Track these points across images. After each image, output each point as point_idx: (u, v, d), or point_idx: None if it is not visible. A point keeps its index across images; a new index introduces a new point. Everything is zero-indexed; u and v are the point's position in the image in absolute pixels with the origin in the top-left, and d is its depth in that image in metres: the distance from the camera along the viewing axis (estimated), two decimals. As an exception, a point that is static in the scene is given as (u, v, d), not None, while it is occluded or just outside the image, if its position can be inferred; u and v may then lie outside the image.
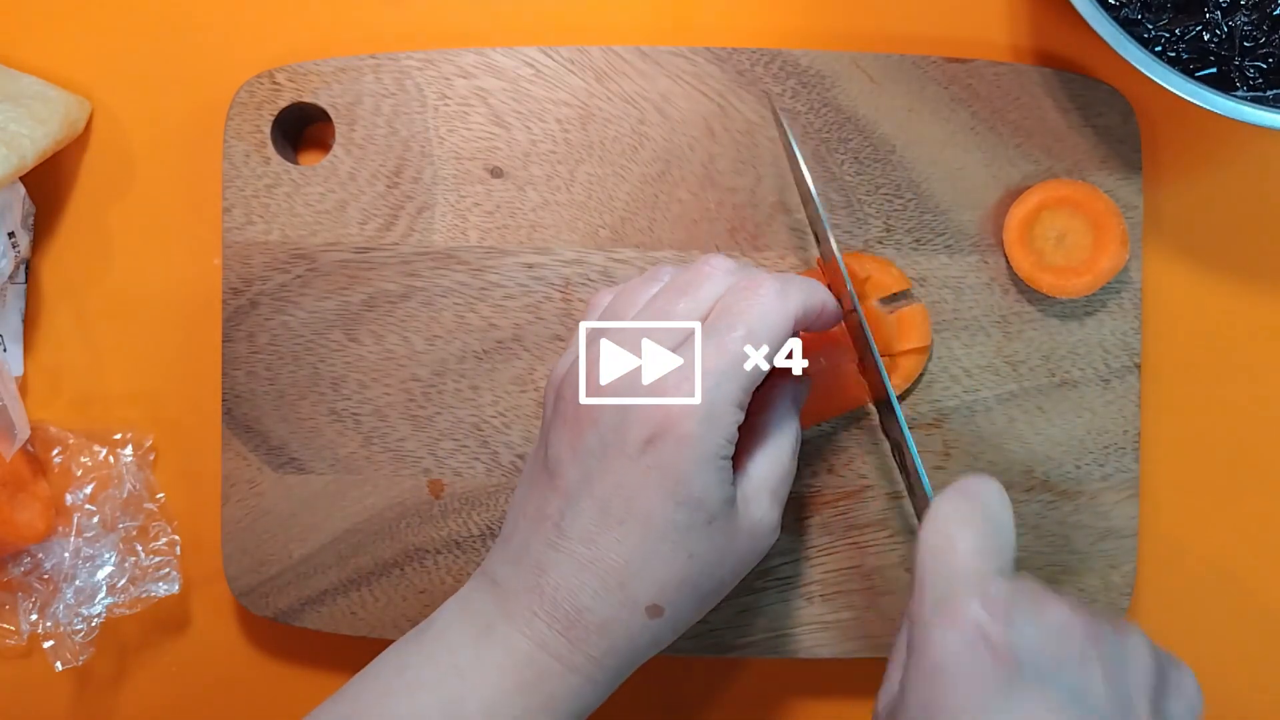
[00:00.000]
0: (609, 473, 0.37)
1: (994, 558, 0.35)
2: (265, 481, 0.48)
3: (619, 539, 0.37)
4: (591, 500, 0.37)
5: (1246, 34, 0.45)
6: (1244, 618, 0.51)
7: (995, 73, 0.48)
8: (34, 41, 0.51)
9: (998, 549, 0.35)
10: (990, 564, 0.35)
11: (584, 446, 0.38)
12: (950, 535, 0.35)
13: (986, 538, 0.35)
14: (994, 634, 0.33)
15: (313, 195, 0.48)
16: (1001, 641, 0.33)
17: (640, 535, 0.37)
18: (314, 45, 0.51)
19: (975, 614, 0.33)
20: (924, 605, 0.34)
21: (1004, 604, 0.33)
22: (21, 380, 0.51)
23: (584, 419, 0.38)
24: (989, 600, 0.33)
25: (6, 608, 0.49)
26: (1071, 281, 0.47)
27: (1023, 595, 0.34)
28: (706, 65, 0.48)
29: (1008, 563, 0.35)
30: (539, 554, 0.38)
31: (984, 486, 0.36)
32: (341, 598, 0.48)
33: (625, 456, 0.37)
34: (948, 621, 0.33)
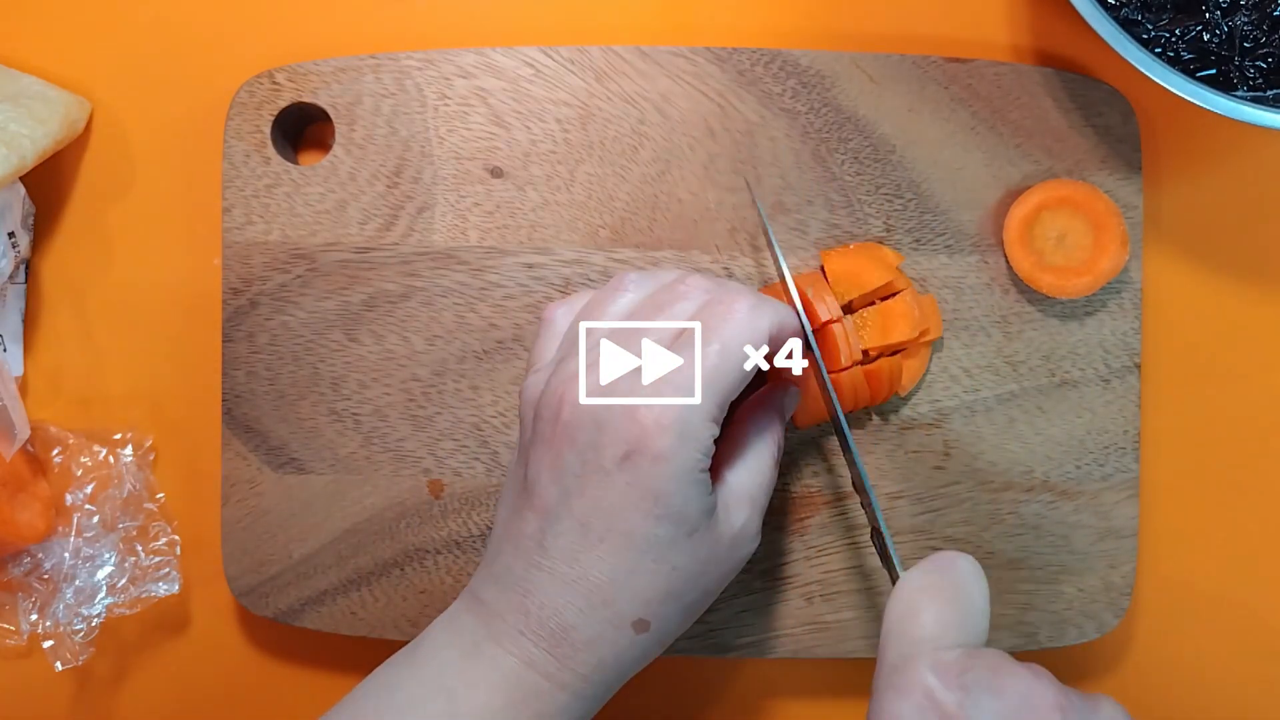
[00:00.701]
0: (587, 491, 0.37)
1: (956, 630, 0.34)
2: (265, 481, 0.48)
3: (601, 556, 0.37)
4: (572, 519, 0.37)
5: (1246, 34, 0.45)
6: (1244, 618, 0.51)
7: (995, 73, 0.48)
8: (34, 41, 0.51)
9: (963, 623, 0.34)
10: (951, 635, 0.34)
11: (562, 465, 0.37)
12: (915, 606, 0.35)
13: (952, 610, 0.35)
14: (946, 701, 0.32)
15: (313, 195, 0.48)
16: (954, 711, 0.32)
17: (622, 552, 0.37)
18: (314, 45, 0.51)
19: (927, 681, 0.32)
20: (880, 673, 0.34)
21: (957, 671, 0.33)
22: (21, 380, 0.51)
23: (560, 438, 0.37)
24: (942, 667, 0.33)
25: (6, 608, 0.49)
26: (1071, 282, 0.47)
27: (981, 664, 0.33)
28: (706, 65, 0.48)
29: (975, 637, 0.34)
30: (522, 574, 0.38)
31: (958, 561, 0.36)
32: (341, 598, 0.48)
33: (603, 474, 0.37)
34: (900, 689, 0.33)
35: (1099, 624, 0.48)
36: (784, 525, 0.48)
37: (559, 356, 0.40)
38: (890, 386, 0.46)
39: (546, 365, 0.41)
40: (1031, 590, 0.48)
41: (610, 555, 0.37)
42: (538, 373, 0.40)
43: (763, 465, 0.41)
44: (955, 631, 0.34)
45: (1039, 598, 0.48)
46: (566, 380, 0.38)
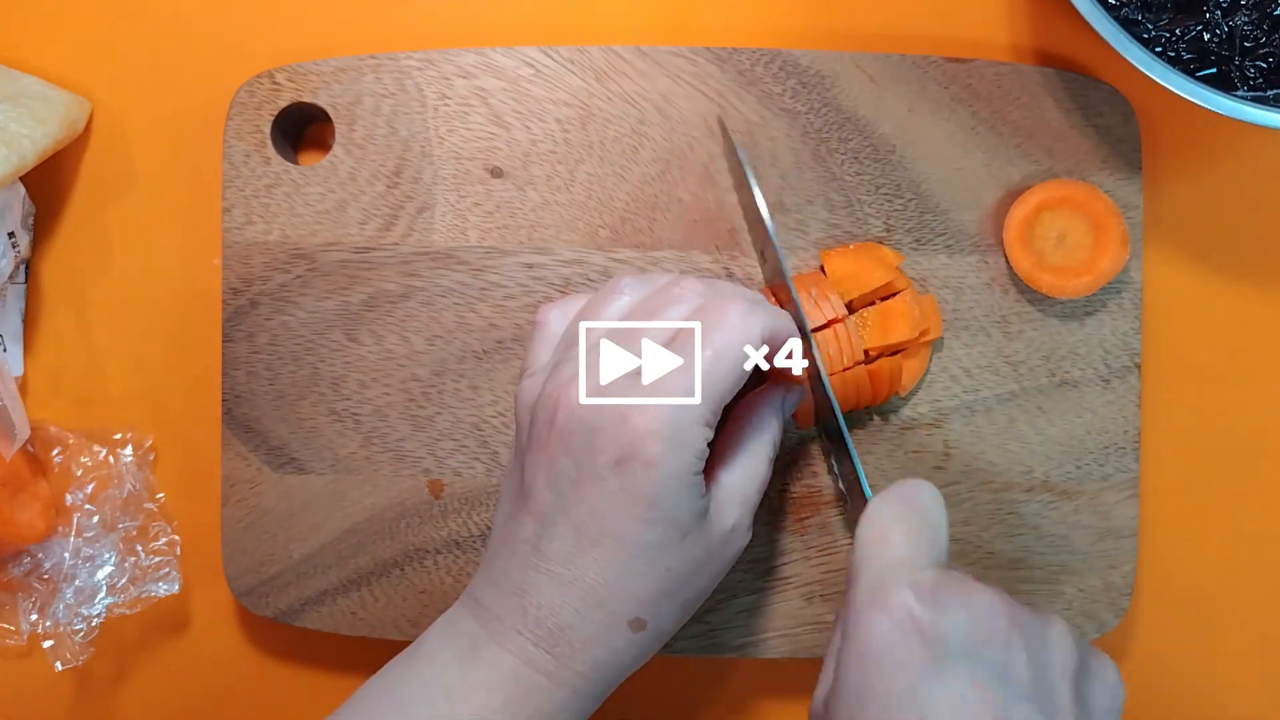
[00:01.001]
0: (582, 496, 0.37)
1: (926, 552, 0.36)
2: (265, 481, 0.48)
3: (596, 559, 0.37)
4: (567, 523, 0.38)
5: (1247, 34, 0.45)
6: (1244, 617, 0.51)
7: (995, 73, 0.48)
8: (34, 41, 0.51)
9: (930, 545, 0.37)
10: (922, 557, 0.36)
11: (556, 470, 0.38)
12: (885, 531, 0.37)
13: (920, 534, 0.37)
14: (922, 617, 0.34)
15: (313, 195, 0.48)
16: (929, 624, 0.34)
17: (616, 555, 0.37)
18: (314, 45, 0.51)
19: (905, 599, 0.35)
20: (857, 594, 0.36)
21: (932, 589, 0.35)
22: (21, 380, 0.51)
23: (555, 443, 0.38)
24: (919, 586, 0.35)
25: (6, 608, 0.49)
26: (1072, 282, 0.47)
27: (951, 581, 0.35)
28: (706, 65, 0.48)
29: (940, 558, 0.37)
30: (519, 576, 0.38)
31: (920, 488, 0.38)
32: (341, 598, 0.48)
33: (596, 479, 0.37)
34: (879, 607, 0.35)
35: (1099, 624, 0.48)
36: (784, 525, 0.48)
37: (554, 360, 0.41)
38: (890, 386, 0.46)
39: (541, 369, 0.41)
40: (1031, 590, 0.48)
41: (605, 558, 0.37)
42: (532, 376, 0.41)
43: (758, 465, 0.41)
44: (925, 554, 0.36)
45: (1039, 598, 0.48)
46: (561, 385, 0.38)
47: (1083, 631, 0.48)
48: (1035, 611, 0.36)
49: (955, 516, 0.48)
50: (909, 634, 0.34)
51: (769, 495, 0.48)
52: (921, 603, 0.34)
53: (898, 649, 0.34)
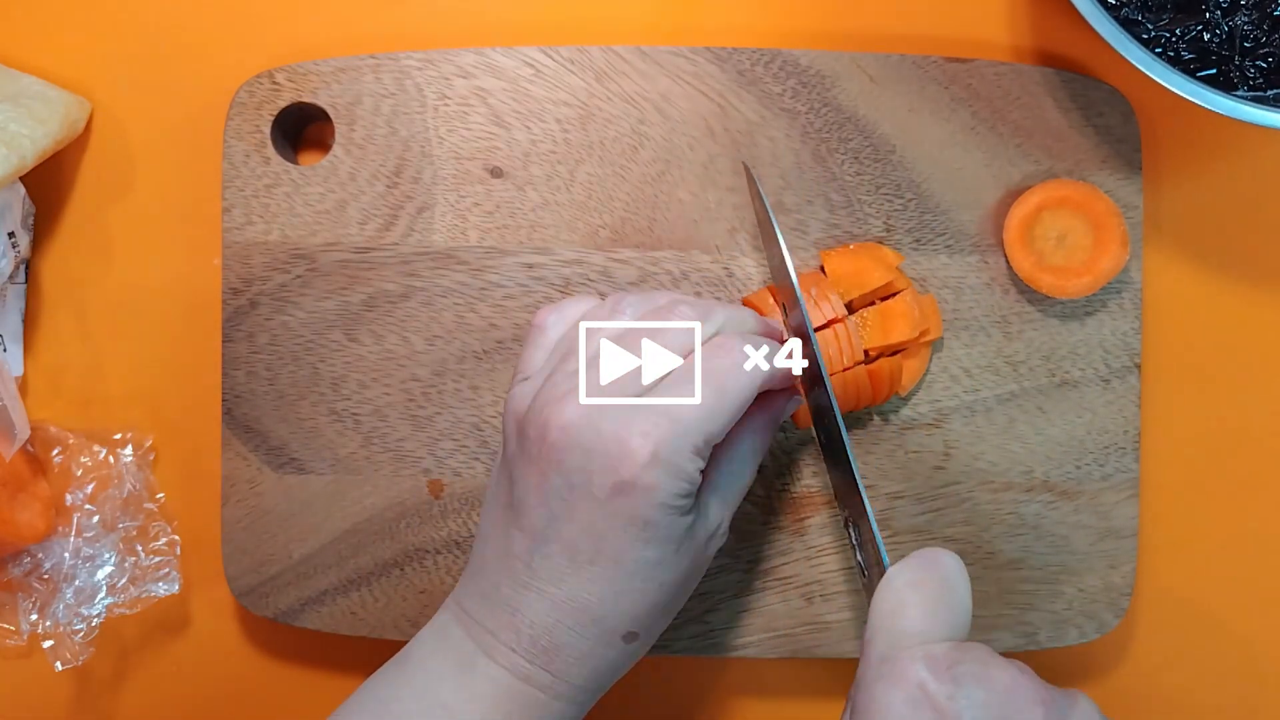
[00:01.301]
0: (576, 516, 0.37)
1: (945, 625, 0.35)
2: (265, 481, 0.48)
3: (590, 579, 0.37)
4: (559, 542, 0.37)
5: (1246, 34, 0.45)
6: (1244, 617, 0.51)
7: (996, 73, 0.48)
8: (34, 41, 0.51)
9: (950, 617, 0.35)
10: (939, 629, 0.34)
11: (549, 488, 0.37)
12: (902, 599, 0.35)
13: (939, 605, 0.35)
14: (937, 693, 0.32)
15: (313, 195, 0.48)
16: (945, 703, 0.32)
17: (611, 574, 0.37)
18: (314, 45, 0.51)
19: (919, 673, 0.33)
20: (869, 665, 0.34)
21: (948, 664, 0.33)
22: (21, 380, 0.51)
23: (549, 460, 0.37)
24: (933, 660, 0.33)
25: (6, 608, 0.49)
26: (1072, 282, 0.47)
27: (969, 657, 0.33)
28: (706, 65, 0.48)
29: (960, 631, 0.35)
30: (510, 593, 0.38)
31: (943, 557, 0.36)
32: (341, 598, 0.48)
33: (592, 501, 0.37)
34: (891, 680, 0.33)
35: (1099, 624, 0.48)
36: (784, 525, 0.48)
37: (548, 367, 0.40)
38: (891, 386, 0.46)
39: (536, 374, 0.40)
40: (1031, 590, 0.48)
41: (599, 578, 0.37)
42: (525, 382, 0.40)
43: (744, 469, 0.41)
44: (943, 626, 0.35)
45: (1039, 598, 0.48)
46: (556, 398, 0.38)
47: (1082, 632, 0.48)
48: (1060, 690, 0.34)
49: (955, 516, 0.48)
50: (922, 710, 0.32)
51: (769, 495, 0.48)
52: (936, 677, 0.33)
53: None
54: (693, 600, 0.48)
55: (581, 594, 0.37)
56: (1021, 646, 0.48)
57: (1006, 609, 0.48)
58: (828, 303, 0.45)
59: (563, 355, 0.40)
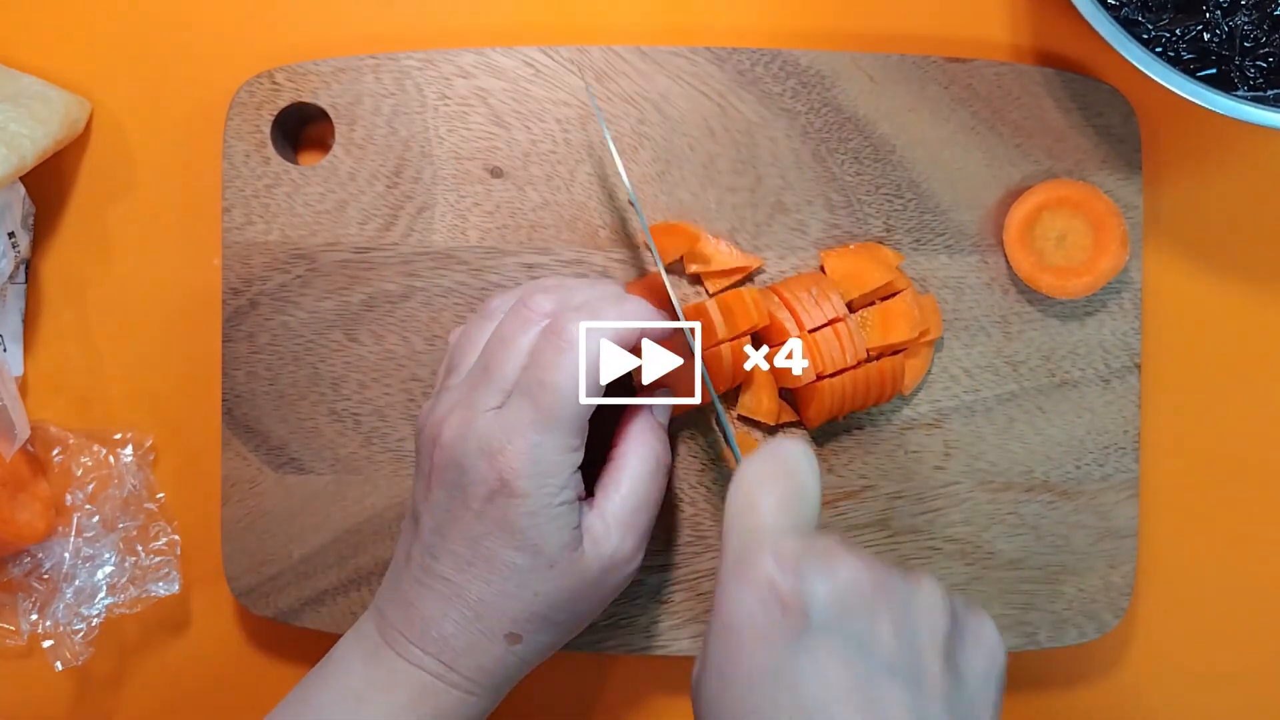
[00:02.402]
0: (457, 524, 0.40)
1: (792, 516, 0.35)
2: (265, 481, 0.48)
3: (471, 579, 0.40)
4: (445, 549, 0.40)
5: (1246, 34, 0.45)
6: (1244, 617, 0.51)
7: (996, 73, 0.48)
8: (34, 41, 0.51)
9: (798, 508, 0.36)
10: (785, 521, 0.35)
11: (433, 500, 0.40)
12: (752, 497, 0.36)
13: (788, 498, 0.36)
14: (784, 588, 0.33)
15: (313, 195, 0.48)
16: (791, 596, 0.33)
17: (489, 577, 0.40)
18: (314, 45, 0.51)
19: (768, 570, 0.34)
20: (724, 564, 0.35)
21: (795, 559, 0.34)
22: (21, 380, 0.51)
23: (433, 477, 0.40)
24: (781, 556, 0.34)
25: (6, 608, 0.49)
26: (1072, 282, 0.47)
27: (816, 550, 0.34)
28: (706, 65, 0.48)
29: (808, 521, 0.36)
30: (409, 590, 0.41)
31: (790, 447, 0.37)
32: (342, 598, 0.48)
33: (469, 510, 0.39)
34: (742, 579, 0.34)
35: (1099, 624, 0.48)
36: (784, 525, 0.48)
37: (437, 387, 0.43)
38: (893, 386, 0.46)
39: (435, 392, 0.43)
40: (1031, 590, 0.48)
41: (479, 579, 0.40)
42: (429, 400, 0.43)
43: (636, 486, 0.42)
44: (790, 518, 0.35)
45: (1039, 598, 0.48)
46: (437, 420, 0.41)
47: (1082, 632, 0.48)
48: (905, 574, 0.35)
49: (955, 516, 0.48)
50: (771, 606, 0.33)
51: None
52: (782, 572, 0.33)
53: (759, 622, 0.33)
54: (693, 600, 0.48)
55: (466, 592, 0.40)
56: (1021, 646, 0.48)
57: (1006, 609, 0.48)
58: (828, 302, 0.45)
59: (447, 371, 0.43)
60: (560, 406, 0.39)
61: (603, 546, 0.40)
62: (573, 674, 0.51)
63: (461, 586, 0.40)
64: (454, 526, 0.40)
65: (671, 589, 0.48)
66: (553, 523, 0.39)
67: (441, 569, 0.40)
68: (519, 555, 0.39)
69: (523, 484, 0.38)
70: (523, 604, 0.40)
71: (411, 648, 0.40)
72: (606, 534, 0.41)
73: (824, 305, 0.45)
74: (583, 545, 0.40)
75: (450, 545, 0.40)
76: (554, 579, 0.40)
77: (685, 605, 0.48)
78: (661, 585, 0.48)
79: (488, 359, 0.41)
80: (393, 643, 0.41)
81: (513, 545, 0.39)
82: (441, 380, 0.43)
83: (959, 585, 0.48)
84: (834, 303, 0.45)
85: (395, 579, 0.42)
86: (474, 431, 0.39)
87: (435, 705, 0.40)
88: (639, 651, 0.48)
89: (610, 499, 0.41)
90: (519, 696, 0.49)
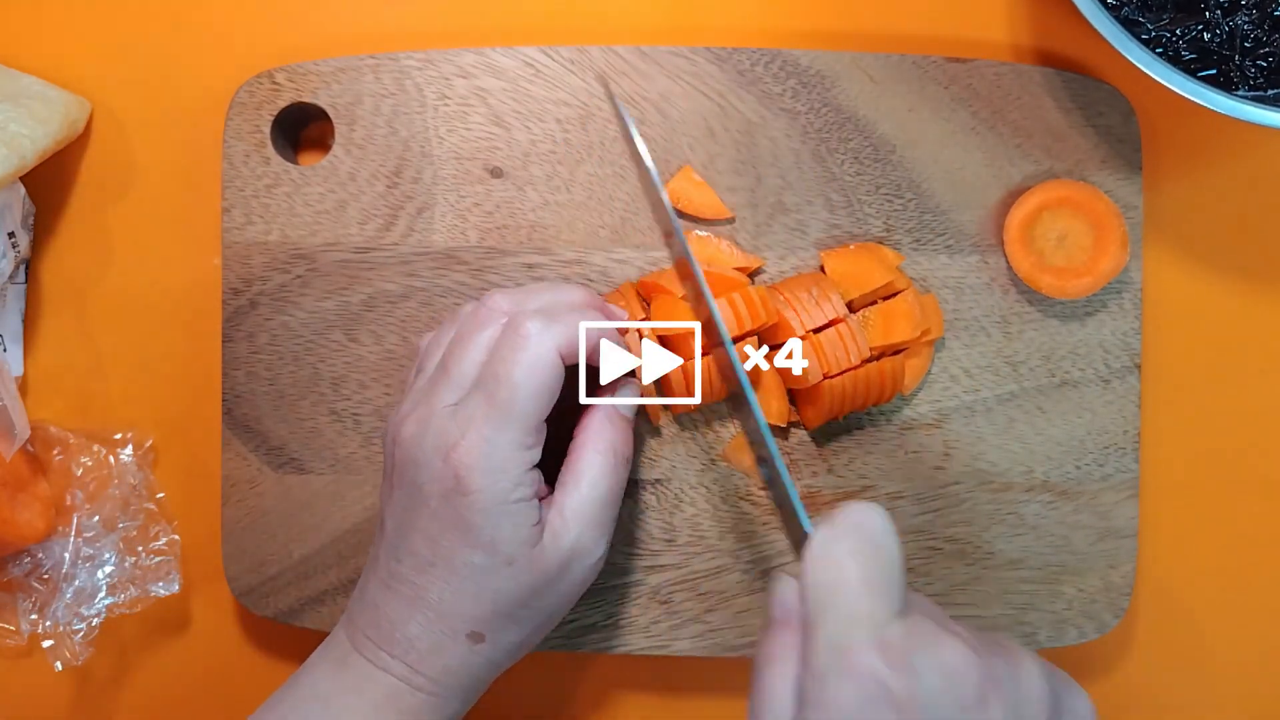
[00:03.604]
0: (416, 525, 0.40)
1: (886, 596, 0.33)
2: (265, 481, 0.48)
3: (432, 580, 0.40)
4: (407, 549, 0.40)
5: (1247, 34, 0.45)
6: (1244, 618, 0.51)
7: (996, 73, 0.48)
8: (34, 41, 0.51)
9: (888, 584, 0.33)
10: (883, 604, 0.33)
11: (394, 502, 0.41)
12: (840, 573, 0.33)
13: (877, 573, 0.33)
14: (895, 687, 0.31)
15: (313, 195, 0.48)
16: (903, 695, 0.31)
17: (448, 577, 0.40)
18: (314, 45, 0.51)
19: (875, 667, 0.31)
20: (818, 653, 0.32)
21: (902, 650, 0.32)
22: (21, 380, 0.51)
23: (394, 477, 0.41)
24: (887, 649, 0.32)
25: (6, 608, 0.49)
26: (1072, 282, 0.47)
27: (920, 636, 0.32)
28: (706, 65, 0.48)
29: (900, 597, 0.33)
30: (374, 593, 0.41)
31: (868, 515, 0.34)
32: (341, 598, 0.48)
33: (427, 510, 0.40)
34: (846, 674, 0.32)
35: (1099, 624, 0.48)
36: (782, 526, 0.48)
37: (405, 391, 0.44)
38: (893, 386, 0.46)
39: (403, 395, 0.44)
40: (1031, 590, 0.48)
41: (439, 579, 0.40)
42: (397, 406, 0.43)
43: (595, 480, 0.41)
44: (886, 597, 0.33)
45: (1039, 598, 0.48)
46: (397, 422, 0.41)
47: (1082, 632, 0.48)
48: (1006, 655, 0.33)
49: (955, 516, 0.48)
50: (879, 705, 0.31)
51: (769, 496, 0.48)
52: (891, 668, 0.31)
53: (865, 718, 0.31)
54: (693, 600, 0.48)
55: (427, 593, 0.40)
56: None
57: (1006, 609, 0.48)
58: (829, 302, 0.45)
59: (416, 374, 0.44)
60: (514, 402, 0.39)
61: (561, 540, 0.40)
62: (570, 675, 0.51)
63: (423, 588, 0.40)
64: (413, 526, 0.40)
65: (671, 589, 0.48)
66: (508, 519, 0.39)
67: (404, 570, 0.40)
68: (475, 554, 0.39)
69: (475, 479, 0.39)
70: (483, 603, 0.40)
71: (379, 652, 0.41)
72: (565, 528, 0.41)
73: (824, 305, 0.45)
74: (542, 541, 0.40)
75: (411, 546, 0.40)
76: (513, 576, 0.40)
77: (686, 605, 0.48)
78: (661, 585, 0.48)
79: (447, 358, 0.41)
80: (360, 647, 0.41)
81: (468, 544, 0.39)
82: (410, 384, 0.44)
83: (959, 585, 0.48)
84: (834, 303, 0.45)
85: (364, 584, 0.42)
86: (430, 429, 0.40)
87: (400, 709, 0.40)
88: (639, 651, 0.48)
89: (569, 494, 0.41)
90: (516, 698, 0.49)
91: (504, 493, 0.39)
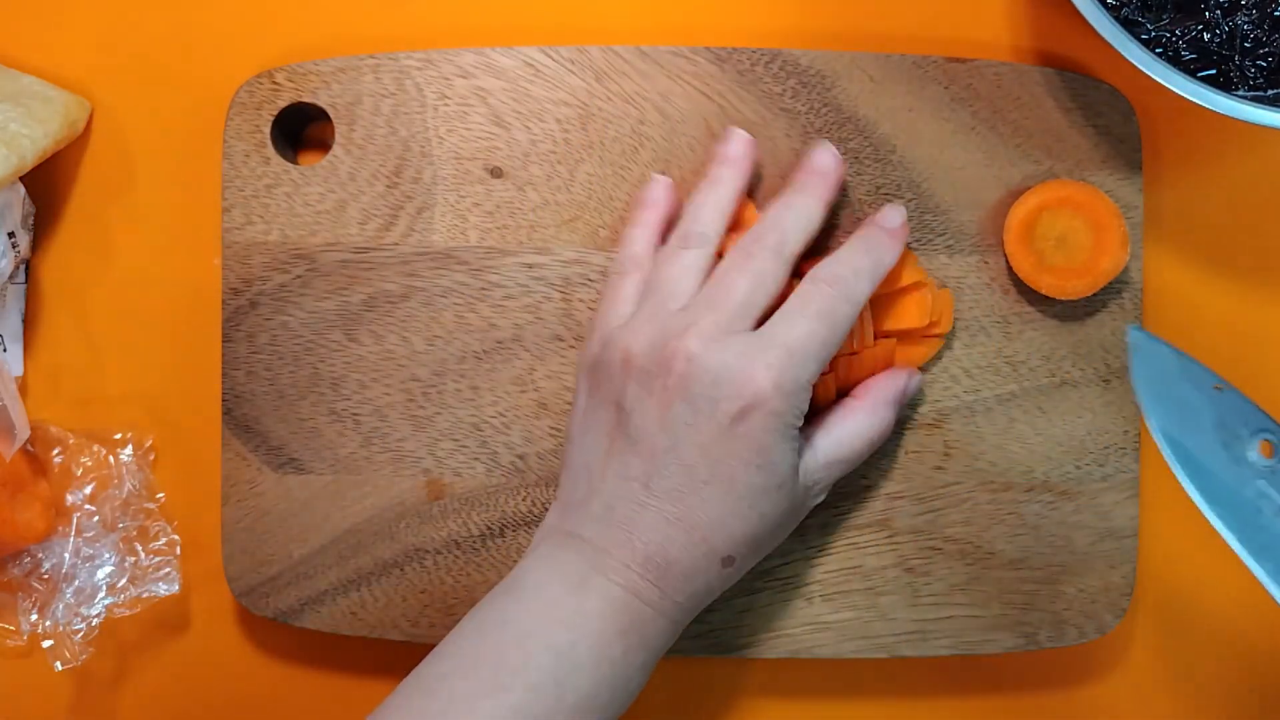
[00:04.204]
0: (697, 440, 0.40)
1: None
2: (265, 481, 0.48)
3: (704, 499, 0.40)
4: (679, 464, 0.40)
5: (1247, 34, 0.45)
6: (1244, 618, 0.51)
7: (996, 73, 0.48)
8: (34, 41, 0.51)
9: None
10: None
11: (672, 415, 0.40)
12: None
13: None
14: None
15: (312, 195, 0.48)
16: None
17: (723, 496, 0.40)
18: (314, 45, 0.51)
19: None
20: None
21: None
22: (21, 380, 0.51)
23: (673, 390, 0.40)
24: None
25: (6, 608, 0.49)
26: (1072, 283, 0.47)
27: None
28: (706, 65, 0.48)
29: None
30: (626, 512, 0.41)
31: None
32: (342, 598, 0.48)
33: (715, 426, 0.40)
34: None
35: (1099, 624, 0.48)
36: (784, 525, 0.48)
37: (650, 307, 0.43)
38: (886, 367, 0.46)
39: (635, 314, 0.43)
40: (1031, 590, 0.48)
41: (712, 498, 0.40)
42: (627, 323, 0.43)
43: (853, 439, 0.44)
44: None
45: (1039, 598, 0.48)
46: (677, 334, 0.41)
47: (1082, 632, 0.48)
48: None
49: (955, 516, 0.48)
50: None
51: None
52: None
53: None
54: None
55: (694, 513, 0.40)
56: (1021, 646, 0.48)
57: (1006, 609, 0.48)
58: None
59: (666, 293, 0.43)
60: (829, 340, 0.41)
61: (810, 476, 0.42)
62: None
63: (693, 507, 0.40)
64: (693, 441, 0.40)
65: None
66: (790, 443, 0.41)
67: (669, 488, 0.40)
68: (758, 474, 0.40)
69: (779, 403, 0.40)
70: (749, 525, 0.41)
71: (629, 572, 0.40)
72: (816, 466, 0.43)
73: None
74: (800, 470, 0.42)
75: (686, 460, 0.40)
76: (777, 501, 0.41)
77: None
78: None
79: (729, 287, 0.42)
80: (603, 569, 0.40)
81: (755, 463, 0.40)
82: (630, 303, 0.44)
83: (959, 585, 0.48)
84: None
85: (602, 503, 0.41)
86: (729, 348, 0.40)
87: (643, 633, 0.40)
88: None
89: (827, 435, 0.43)
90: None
91: (794, 419, 0.41)
